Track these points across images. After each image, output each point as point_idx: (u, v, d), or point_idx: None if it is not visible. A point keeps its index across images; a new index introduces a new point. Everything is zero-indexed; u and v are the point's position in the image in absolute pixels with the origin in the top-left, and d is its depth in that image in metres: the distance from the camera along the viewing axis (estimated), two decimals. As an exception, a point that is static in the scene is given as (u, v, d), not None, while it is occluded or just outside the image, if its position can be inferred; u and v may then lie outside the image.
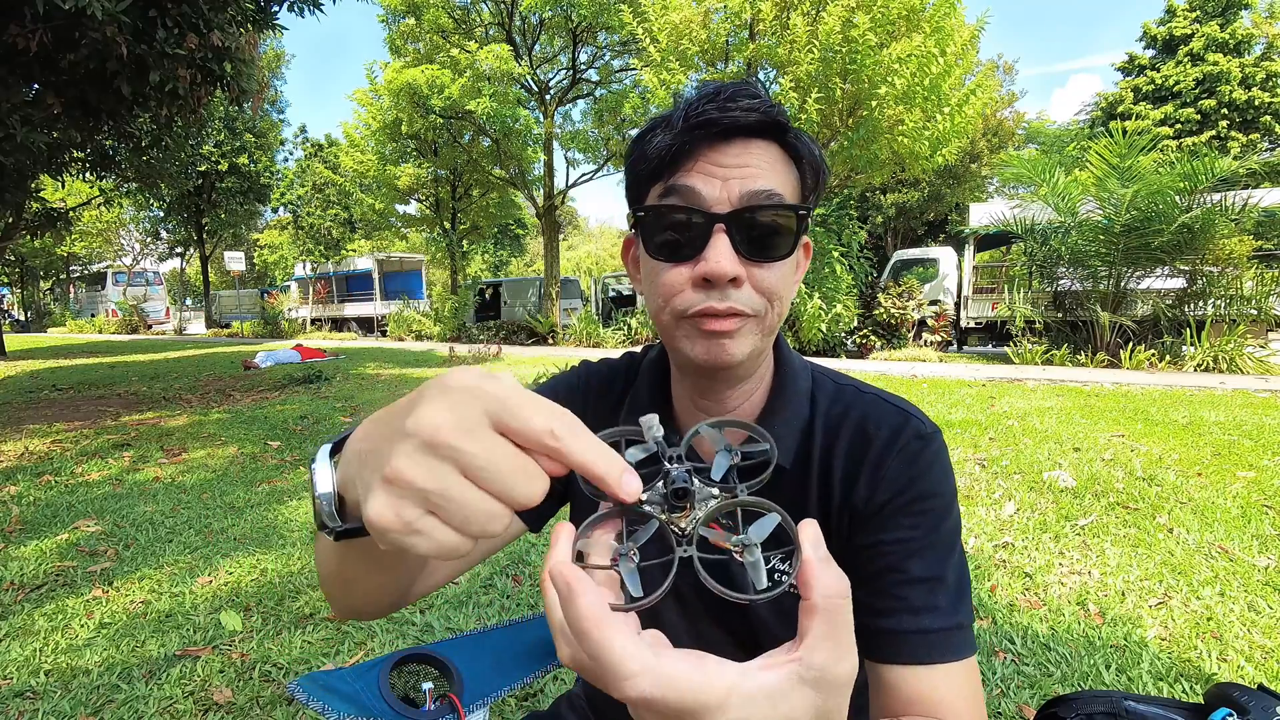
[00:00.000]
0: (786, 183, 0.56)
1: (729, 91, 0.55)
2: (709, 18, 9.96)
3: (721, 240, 0.53)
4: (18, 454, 4.27)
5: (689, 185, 0.54)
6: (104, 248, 29.16)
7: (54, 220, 9.98)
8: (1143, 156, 8.00)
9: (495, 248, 36.71)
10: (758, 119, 0.54)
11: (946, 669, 0.54)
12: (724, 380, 0.62)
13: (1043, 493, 3.17)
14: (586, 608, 0.29)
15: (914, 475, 0.58)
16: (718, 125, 0.54)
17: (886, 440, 0.60)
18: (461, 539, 0.29)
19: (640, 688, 0.28)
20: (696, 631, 0.66)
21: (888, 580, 0.57)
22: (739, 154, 0.54)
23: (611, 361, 0.78)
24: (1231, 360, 7.48)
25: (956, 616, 0.56)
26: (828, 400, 0.64)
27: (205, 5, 5.11)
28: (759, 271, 0.55)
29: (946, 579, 0.57)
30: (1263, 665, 1.74)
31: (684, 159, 0.55)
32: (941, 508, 0.58)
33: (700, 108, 0.54)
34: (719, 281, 0.54)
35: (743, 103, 0.54)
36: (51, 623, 2.06)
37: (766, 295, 0.56)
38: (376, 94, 14.38)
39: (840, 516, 0.61)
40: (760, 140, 0.56)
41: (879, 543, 0.58)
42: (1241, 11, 20.41)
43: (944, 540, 0.58)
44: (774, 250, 0.55)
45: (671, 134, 0.55)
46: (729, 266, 0.53)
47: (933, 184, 22.68)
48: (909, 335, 10.77)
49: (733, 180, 0.54)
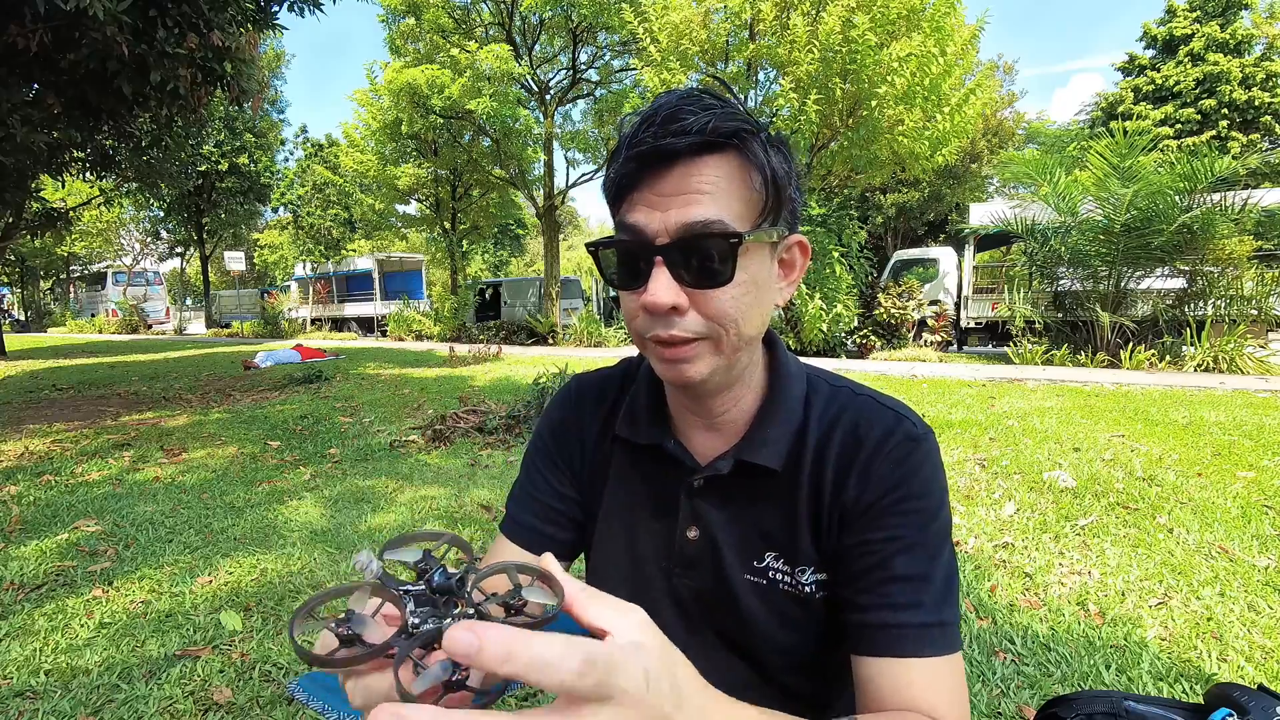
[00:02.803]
0: (736, 199, 0.54)
1: (664, 114, 0.53)
2: (709, 18, 9.96)
3: (660, 272, 0.54)
4: (18, 454, 4.27)
5: (631, 222, 0.55)
6: (104, 248, 29.14)
7: (54, 220, 9.99)
8: (1143, 156, 8.00)
9: (495, 248, 36.71)
10: (692, 140, 0.52)
11: (926, 664, 0.55)
12: (702, 392, 0.63)
13: (1043, 493, 3.17)
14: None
15: (903, 476, 0.59)
16: (658, 153, 0.53)
17: (877, 441, 0.61)
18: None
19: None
20: (694, 636, 0.67)
21: (872, 577, 0.58)
22: (680, 179, 0.53)
23: (606, 370, 0.78)
24: (1231, 360, 7.47)
25: (939, 614, 0.56)
26: (822, 403, 0.65)
27: (205, 5, 5.11)
28: (702, 297, 0.55)
29: (932, 578, 0.57)
30: (1263, 665, 1.74)
31: (630, 190, 0.55)
32: (930, 508, 0.59)
33: (639, 135, 0.54)
34: (658, 312, 0.55)
35: (683, 123, 0.52)
36: (51, 623, 2.06)
37: (716, 319, 0.56)
38: (376, 94, 14.37)
39: (830, 517, 0.61)
40: (709, 156, 0.53)
41: (866, 541, 0.59)
42: (1241, 11, 20.40)
43: (932, 540, 0.58)
44: (715, 277, 0.54)
45: (615, 166, 0.56)
46: (665, 297, 0.54)
47: (933, 184, 22.66)
48: (909, 335, 10.76)
49: (671, 210, 0.53)
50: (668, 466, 0.67)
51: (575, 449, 0.74)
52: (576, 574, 1.72)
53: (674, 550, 0.67)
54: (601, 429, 0.73)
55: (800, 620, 0.63)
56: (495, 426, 4.70)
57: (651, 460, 0.69)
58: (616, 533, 0.71)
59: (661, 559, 0.68)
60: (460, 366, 9.53)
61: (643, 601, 0.69)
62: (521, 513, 0.73)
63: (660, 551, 0.68)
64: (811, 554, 0.62)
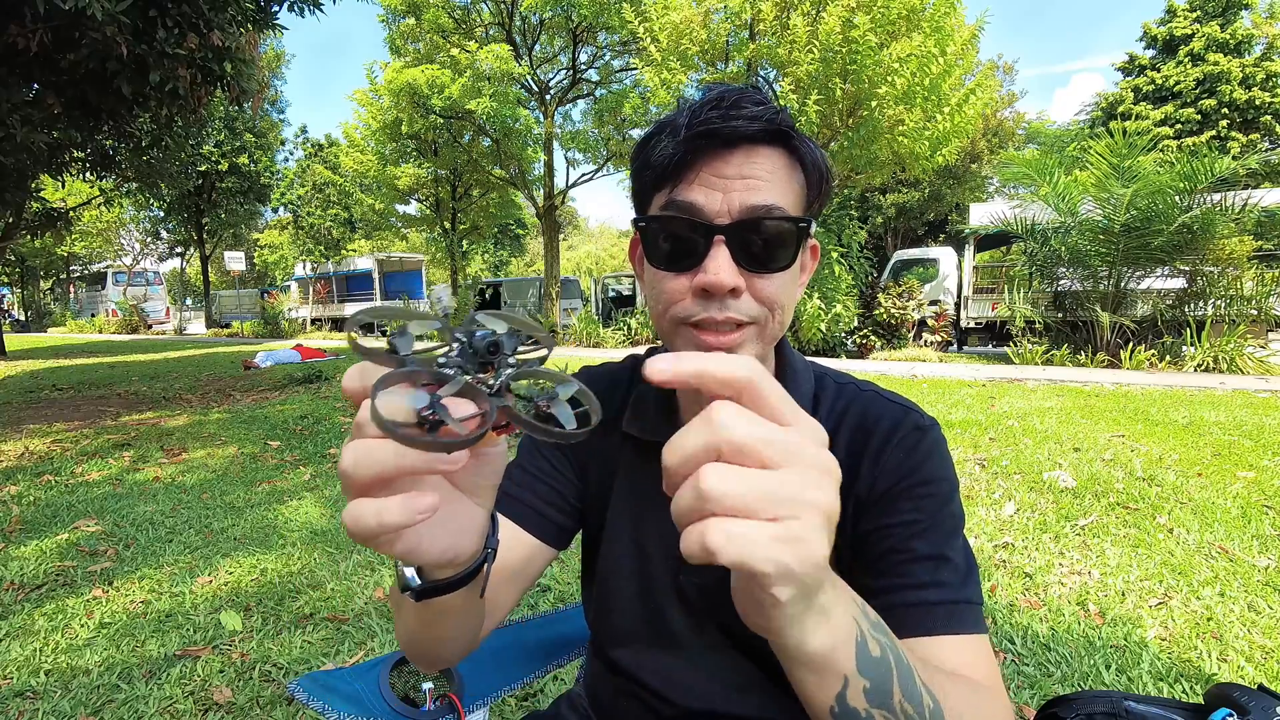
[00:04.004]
0: (789, 191, 0.56)
1: (733, 98, 0.54)
2: (709, 18, 9.96)
3: (721, 252, 0.54)
4: (18, 454, 4.27)
5: (690, 200, 0.55)
6: (104, 248, 29.16)
7: (54, 220, 9.98)
8: (1143, 156, 8.00)
9: (495, 248, 36.69)
10: (761, 128, 0.53)
11: (957, 640, 0.54)
12: None
13: (1043, 493, 3.17)
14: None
15: (914, 463, 0.59)
16: (720, 135, 0.53)
17: (886, 432, 0.61)
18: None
19: None
20: (701, 633, 0.67)
21: (892, 560, 0.57)
22: (741, 164, 0.54)
23: (612, 365, 0.78)
24: (1231, 360, 7.47)
25: (964, 592, 0.56)
26: (830, 399, 0.65)
27: (205, 5, 5.11)
28: (759, 281, 0.55)
29: (952, 558, 0.57)
30: (1263, 665, 1.74)
31: (686, 169, 0.55)
32: (943, 493, 0.59)
33: (704, 115, 0.54)
34: (718, 292, 0.54)
35: (747, 110, 0.53)
36: (51, 623, 2.06)
37: (767, 304, 0.56)
38: (376, 94, 14.37)
39: (843, 509, 0.61)
40: (764, 147, 0.55)
41: (883, 526, 0.59)
42: (1242, 12, 20.41)
43: (947, 524, 0.58)
44: (774, 261, 0.55)
45: (674, 142, 0.55)
46: (728, 278, 0.53)
47: (933, 184, 22.68)
48: (909, 335, 10.76)
49: (734, 192, 0.54)
50: None
51: (581, 440, 0.74)
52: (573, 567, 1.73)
53: (680, 547, 0.67)
54: (608, 424, 0.72)
55: None
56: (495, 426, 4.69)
57: (659, 457, 0.68)
58: (624, 528, 0.71)
59: (668, 556, 0.68)
60: (460, 366, 9.51)
61: (650, 598, 0.69)
62: (520, 490, 0.71)
63: (667, 549, 0.68)
64: None
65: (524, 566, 0.68)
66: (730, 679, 0.66)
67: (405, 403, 0.31)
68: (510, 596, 0.69)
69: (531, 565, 0.69)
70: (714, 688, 0.66)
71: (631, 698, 0.71)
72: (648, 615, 0.69)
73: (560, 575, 2.32)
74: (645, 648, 0.70)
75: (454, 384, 0.32)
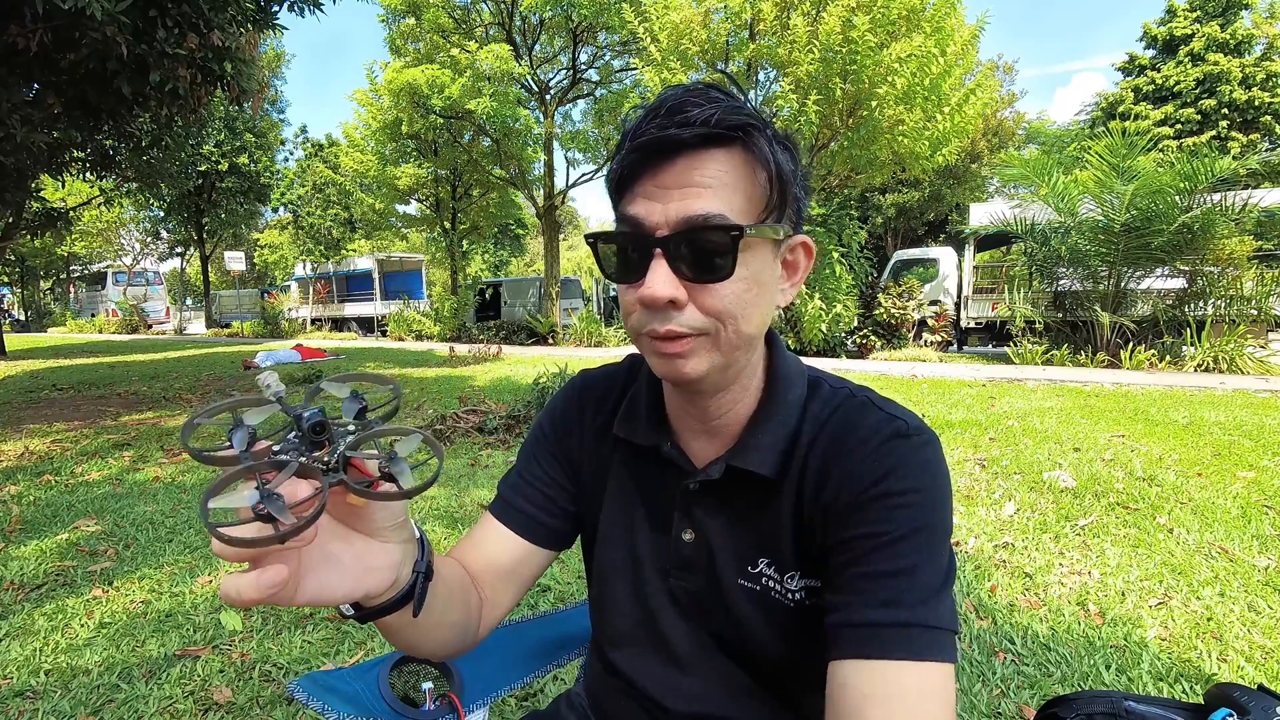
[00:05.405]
0: (739, 195, 0.53)
1: (670, 105, 0.52)
2: (709, 18, 9.96)
3: (659, 265, 0.53)
4: (18, 454, 4.27)
5: (633, 214, 0.54)
6: (104, 248, 29.16)
7: (54, 220, 9.99)
8: (1143, 156, 8.01)
9: (495, 248, 36.71)
10: (699, 132, 0.51)
11: (905, 667, 0.49)
12: (698, 392, 0.62)
13: (1043, 493, 3.17)
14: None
15: (885, 470, 0.55)
16: (657, 145, 0.52)
17: (860, 439, 0.58)
18: None
19: None
20: (694, 638, 0.67)
21: (848, 574, 0.54)
22: (682, 172, 0.52)
23: (611, 366, 0.78)
24: (1231, 360, 7.48)
25: (922, 615, 0.50)
26: (819, 407, 0.63)
27: (205, 5, 5.11)
28: (702, 292, 0.54)
29: (916, 576, 0.52)
30: (1263, 665, 1.74)
31: (631, 182, 0.55)
32: (918, 504, 0.54)
33: (643, 126, 0.53)
34: (655, 306, 0.54)
35: (687, 114, 0.51)
36: (51, 622, 2.06)
37: (714, 315, 0.54)
38: (376, 94, 14.38)
39: (813, 519, 0.59)
40: (714, 150, 0.53)
41: (845, 539, 0.55)
42: (1242, 11, 20.41)
43: (920, 540, 0.53)
44: (716, 271, 0.53)
45: (619, 158, 0.55)
46: (662, 291, 0.52)
47: (933, 184, 22.70)
48: (909, 335, 10.77)
49: (672, 203, 0.52)
50: (665, 469, 0.67)
51: (575, 443, 0.74)
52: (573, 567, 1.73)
53: (670, 552, 0.67)
54: (603, 426, 0.73)
55: (789, 628, 0.62)
56: (495, 426, 4.70)
57: (650, 461, 0.68)
58: (618, 532, 0.71)
59: (659, 560, 0.68)
60: (460, 366, 9.53)
61: (643, 601, 0.69)
62: (514, 496, 0.72)
63: (658, 552, 0.68)
64: (798, 559, 0.61)
65: (516, 568, 0.70)
66: (724, 685, 0.66)
67: (237, 503, 0.34)
68: (507, 596, 0.69)
69: (525, 567, 0.70)
70: (709, 693, 0.67)
71: (629, 699, 0.71)
72: (643, 618, 0.69)
73: (560, 575, 2.32)
74: (641, 651, 0.70)
75: (288, 470, 0.35)
